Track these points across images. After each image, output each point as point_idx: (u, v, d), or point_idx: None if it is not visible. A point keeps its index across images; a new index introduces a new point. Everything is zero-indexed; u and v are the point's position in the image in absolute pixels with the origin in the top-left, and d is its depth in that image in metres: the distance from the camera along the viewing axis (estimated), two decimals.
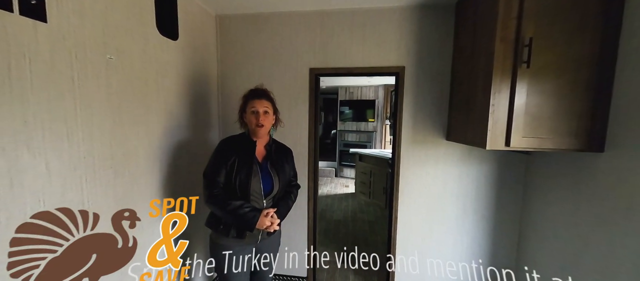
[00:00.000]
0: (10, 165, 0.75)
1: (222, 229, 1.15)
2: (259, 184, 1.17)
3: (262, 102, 1.18)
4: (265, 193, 1.18)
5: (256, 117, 1.16)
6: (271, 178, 1.20)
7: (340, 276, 2.09)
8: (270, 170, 1.21)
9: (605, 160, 1.06)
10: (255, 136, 1.20)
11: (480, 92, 1.19)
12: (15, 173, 0.76)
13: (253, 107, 1.17)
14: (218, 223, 1.17)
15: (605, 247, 1.05)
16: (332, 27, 1.67)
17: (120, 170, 1.10)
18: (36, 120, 0.80)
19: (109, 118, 1.03)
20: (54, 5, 0.84)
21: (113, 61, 1.04)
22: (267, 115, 1.18)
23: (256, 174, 1.16)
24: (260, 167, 1.19)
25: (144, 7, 1.19)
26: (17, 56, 0.75)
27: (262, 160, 1.22)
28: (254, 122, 1.16)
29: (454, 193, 1.68)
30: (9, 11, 0.74)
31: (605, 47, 1.03)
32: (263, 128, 1.17)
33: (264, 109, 1.17)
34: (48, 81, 0.83)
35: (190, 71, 1.53)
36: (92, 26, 0.96)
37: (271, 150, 1.24)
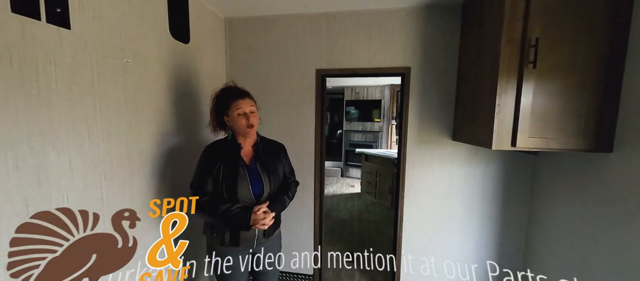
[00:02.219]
0: (38, 162, 0.81)
1: (216, 237, 1.13)
2: (248, 188, 1.11)
3: (247, 100, 1.13)
4: (255, 196, 1.12)
5: (246, 118, 1.11)
6: (261, 179, 1.14)
7: (346, 275, 2.11)
8: (260, 171, 1.15)
9: (614, 161, 1.05)
10: (243, 137, 1.16)
11: (486, 92, 1.20)
12: (43, 171, 0.82)
13: (239, 108, 1.10)
14: (212, 231, 1.15)
15: (614, 248, 1.04)
16: (338, 29, 1.69)
17: (136, 168, 1.15)
18: (61, 120, 0.86)
19: (126, 119, 1.09)
20: (77, 13, 0.89)
21: (129, 64, 1.09)
22: (254, 115, 1.14)
23: (244, 178, 1.11)
24: (249, 169, 1.14)
25: (158, 12, 1.24)
26: (43, 61, 0.81)
27: (250, 161, 1.17)
28: (245, 124, 1.11)
29: (460, 194, 1.68)
30: (37, 19, 0.79)
31: (614, 46, 1.02)
32: (254, 128, 1.13)
33: (250, 108, 1.12)
34: (71, 84, 0.88)
35: (201, 73, 1.58)
36: (111, 32, 1.01)
37: (259, 149, 1.18)
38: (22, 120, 0.77)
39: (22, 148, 0.77)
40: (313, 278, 1.94)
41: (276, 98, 1.82)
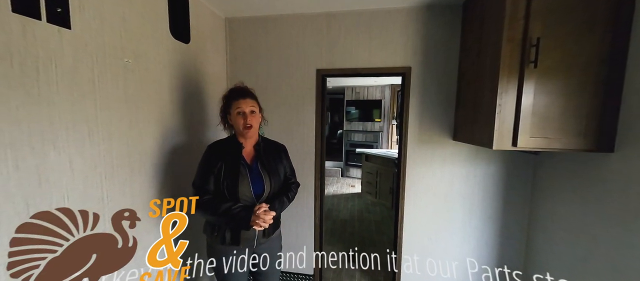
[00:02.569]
0: (39, 162, 0.81)
1: (216, 235, 1.13)
2: (249, 187, 1.12)
3: (247, 101, 1.13)
4: (256, 195, 1.13)
5: (244, 117, 1.12)
6: (262, 179, 1.14)
7: (346, 275, 2.11)
8: (261, 171, 1.15)
9: (615, 161, 1.05)
10: (243, 137, 1.16)
11: (487, 91, 1.20)
12: (43, 170, 0.82)
13: (239, 107, 1.12)
14: (212, 229, 1.15)
15: (615, 249, 1.04)
16: (339, 29, 1.69)
17: (137, 168, 1.15)
18: (61, 120, 0.86)
19: (126, 119, 1.09)
20: (77, 13, 0.89)
21: (130, 64, 1.09)
22: (254, 115, 1.14)
23: (244, 177, 1.11)
24: (250, 168, 1.14)
25: (158, 12, 1.24)
26: (44, 61, 0.81)
27: (252, 161, 1.17)
28: (242, 124, 1.11)
29: (461, 194, 1.68)
30: (37, 19, 0.79)
31: (616, 45, 1.01)
32: (252, 129, 1.13)
33: (250, 109, 1.13)
34: (71, 84, 0.88)
35: (202, 73, 1.58)
36: (111, 32, 1.01)
37: (260, 149, 1.19)
38: (23, 119, 0.77)
39: (22, 148, 0.77)
40: (313, 278, 1.94)
41: (276, 98, 1.81)
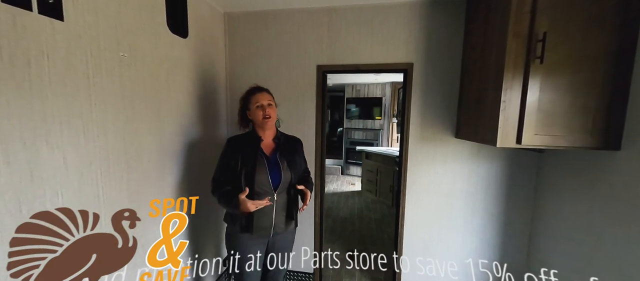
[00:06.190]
0: (31, 158, 0.78)
1: (236, 224, 1.21)
2: (267, 176, 1.18)
3: (265, 95, 1.24)
4: (274, 185, 1.19)
5: (262, 109, 1.20)
6: (280, 170, 1.20)
7: (347, 273, 2.10)
8: (280, 162, 1.22)
9: (622, 159, 1.03)
10: (262, 129, 1.24)
11: (491, 88, 1.17)
12: (36, 167, 0.79)
13: (257, 101, 1.22)
14: (232, 218, 1.23)
15: (620, 248, 1.02)
16: (340, 24, 1.66)
17: (133, 165, 1.13)
18: (54, 115, 0.83)
19: (122, 114, 1.06)
20: (71, 4, 0.86)
21: (126, 58, 1.07)
22: (271, 107, 1.23)
23: (263, 166, 1.18)
24: (268, 159, 1.21)
25: (155, 5, 1.21)
26: (36, 54, 0.78)
27: (271, 153, 1.24)
28: (261, 115, 1.20)
29: (463, 192, 1.66)
30: (28, 10, 0.76)
31: (624, 41, 0.99)
32: (270, 119, 1.21)
33: (268, 102, 1.23)
34: (65, 78, 0.86)
35: (200, 68, 1.55)
36: (106, 24, 0.98)
37: (280, 142, 1.27)
38: (14, 114, 0.74)
39: (13, 143, 0.74)
40: (313, 277, 1.92)
41: (276, 94, 1.75)
